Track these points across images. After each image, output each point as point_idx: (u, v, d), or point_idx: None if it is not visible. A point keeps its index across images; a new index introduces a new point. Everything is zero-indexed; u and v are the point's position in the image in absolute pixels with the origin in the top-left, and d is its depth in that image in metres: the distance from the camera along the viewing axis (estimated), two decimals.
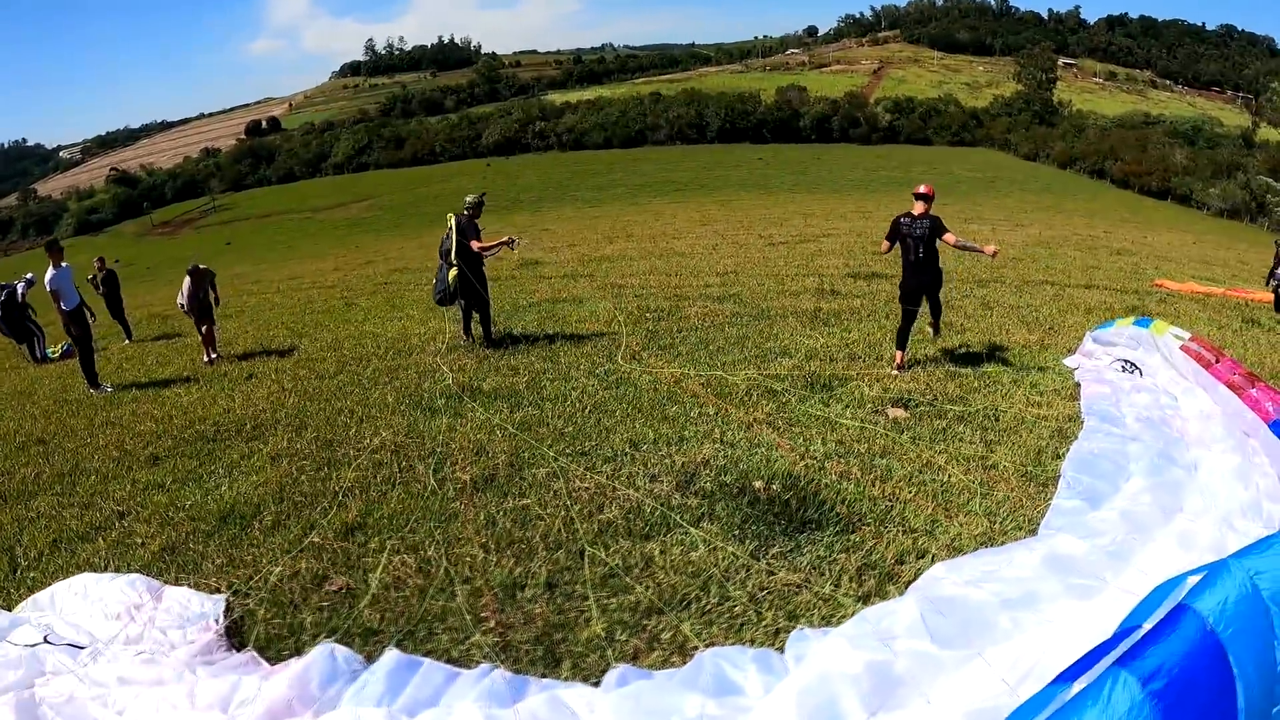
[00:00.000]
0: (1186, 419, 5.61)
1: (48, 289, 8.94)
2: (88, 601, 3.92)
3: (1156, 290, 12.92)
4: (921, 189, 7.50)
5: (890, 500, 4.67)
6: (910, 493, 4.76)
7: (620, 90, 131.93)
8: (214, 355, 10.33)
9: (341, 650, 3.32)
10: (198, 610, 3.84)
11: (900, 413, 6.43)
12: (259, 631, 3.78)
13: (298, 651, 3.56)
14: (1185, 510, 4.12)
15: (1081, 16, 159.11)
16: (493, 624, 3.66)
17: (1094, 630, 2.73)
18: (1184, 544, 3.67)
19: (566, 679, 3.16)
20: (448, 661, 3.35)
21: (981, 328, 9.25)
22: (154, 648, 3.55)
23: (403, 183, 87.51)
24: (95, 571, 4.35)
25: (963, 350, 8.28)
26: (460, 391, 7.52)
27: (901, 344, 7.61)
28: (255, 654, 3.52)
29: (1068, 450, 5.25)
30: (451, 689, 3.03)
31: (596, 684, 3.02)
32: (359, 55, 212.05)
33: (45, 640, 3.56)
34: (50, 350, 12.21)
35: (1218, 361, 5.67)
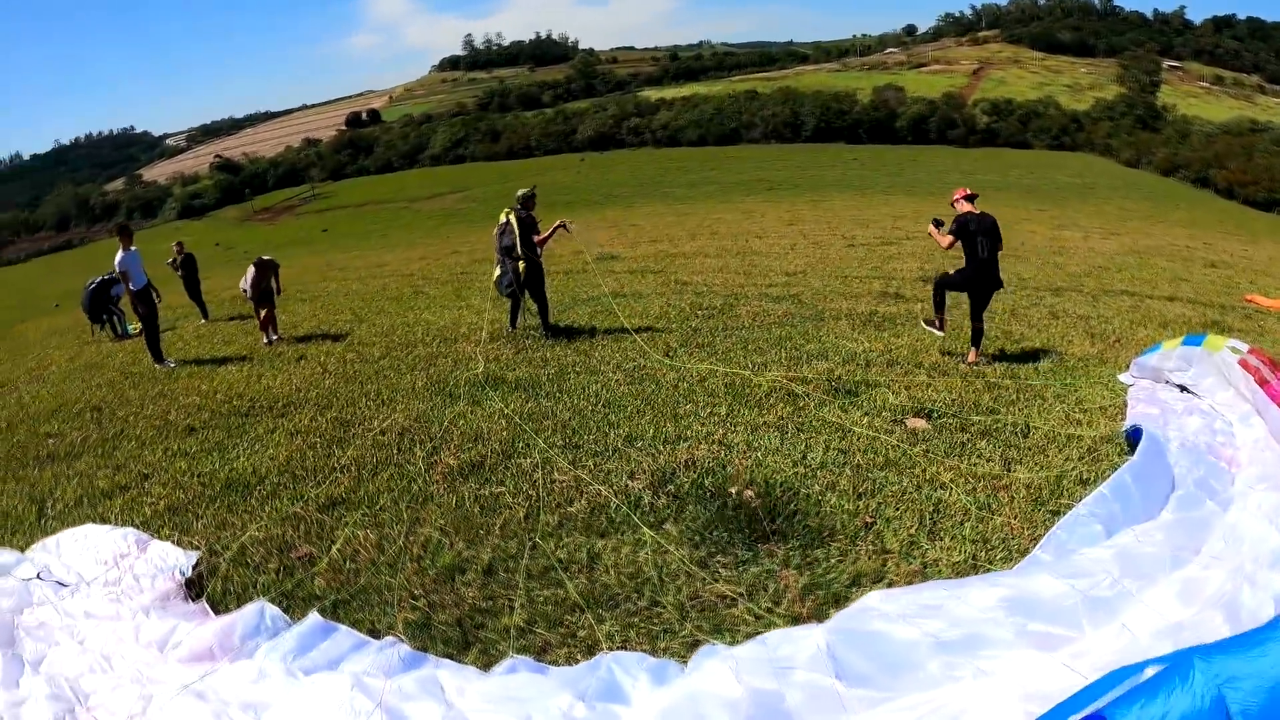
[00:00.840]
0: (1239, 447, 5.00)
1: (117, 270, 9.64)
2: (84, 547, 4.24)
3: (1245, 306, 11.67)
4: (967, 191, 8.04)
5: (872, 516, 4.39)
6: (896, 510, 4.44)
7: (716, 88, 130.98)
8: (275, 337, 10.90)
9: (272, 610, 3.44)
10: (171, 563, 4.09)
11: (920, 423, 6.06)
12: (218, 587, 3.98)
13: None
14: (1202, 554, 3.58)
15: (1187, 17, 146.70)
16: (422, 603, 3.69)
17: (1039, 691, 2.43)
18: (1185, 596, 3.20)
19: (469, 663, 3.14)
20: (368, 633, 3.41)
21: (1042, 337, 8.63)
22: (125, 590, 3.79)
23: (497, 175, 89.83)
24: (106, 524, 4.68)
25: (1011, 359, 7.75)
26: (484, 381, 7.63)
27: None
28: (206, 606, 3.72)
29: (1097, 474, 4.79)
30: (354, 656, 3.09)
31: (488, 669, 2.98)
32: (458, 50, 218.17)
33: (38, 576, 3.88)
34: (131, 327, 13.19)
35: (1276, 378, 5.00)
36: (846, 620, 2.81)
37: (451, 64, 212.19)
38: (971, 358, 7.81)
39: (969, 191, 7.99)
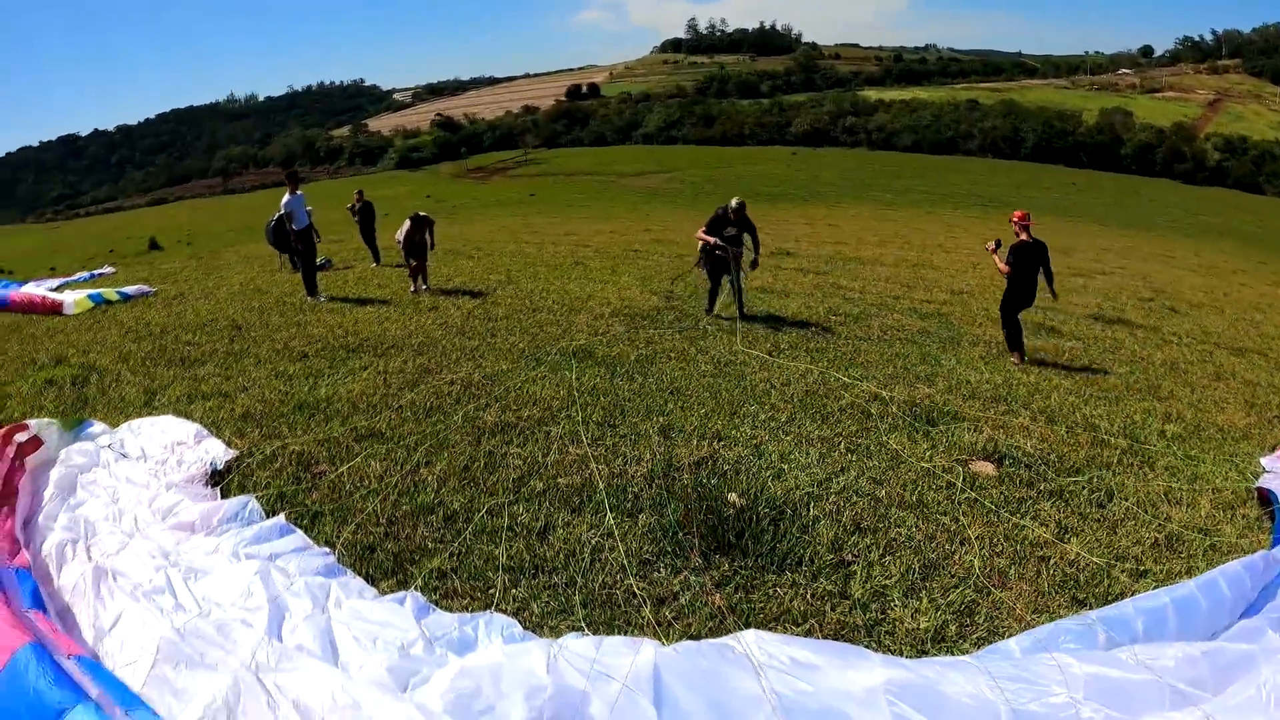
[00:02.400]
0: None
1: (282, 210, 10.95)
2: (156, 432, 5.02)
3: None
4: (1026, 219, 8.68)
5: (854, 555, 4.02)
6: (886, 555, 4.03)
7: (938, 94, 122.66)
8: (423, 287, 11.88)
9: (255, 505, 3.90)
10: (211, 455, 4.72)
11: (987, 468, 5.41)
12: (235, 480, 4.53)
13: None
14: (1216, 698, 2.76)
15: None
16: (379, 531, 3.98)
17: None
18: None
19: (382, 589, 3.36)
20: (325, 544, 3.74)
21: (1192, 398, 7.32)
22: (165, 469, 4.44)
23: (707, 160, 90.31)
24: (186, 419, 5.47)
25: (1137, 416, 6.72)
26: (571, 354, 7.88)
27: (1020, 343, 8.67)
28: (217, 494, 4.25)
29: (1166, 571, 4.02)
30: (291, 555, 3.42)
31: (383, 596, 3.17)
32: (681, 33, 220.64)
33: (109, 446, 4.65)
34: (319, 260, 14.83)
35: None
36: (694, 652, 2.57)
37: (673, 46, 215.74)
38: (1015, 360, 8.55)
39: (1027, 220, 8.55)
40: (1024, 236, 8.36)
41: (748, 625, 3.23)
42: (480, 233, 26.46)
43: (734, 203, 10.23)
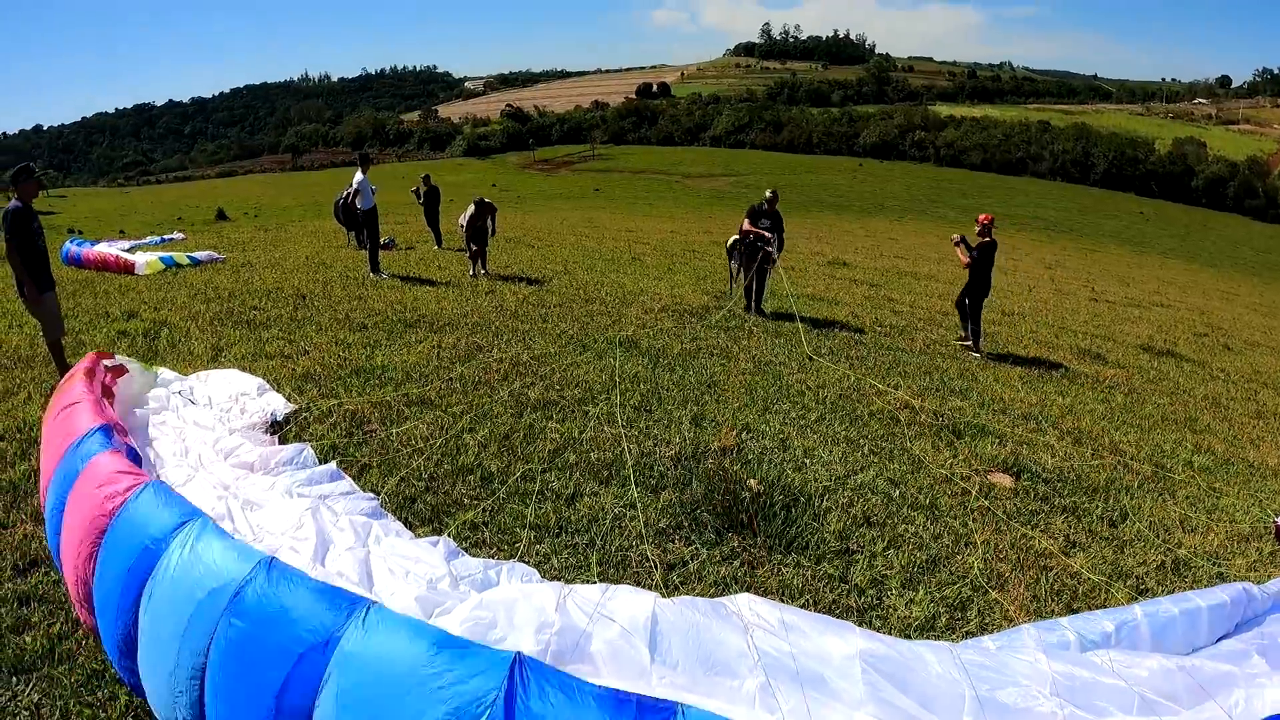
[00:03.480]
0: None
1: (353, 188, 11.50)
2: (223, 382, 5.49)
3: None
4: (991, 221, 9.87)
5: (858, 546, 4.21)
6: (890, 548, 4.23)
7: (1010, 113, 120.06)
8: (482, 272, 12.36)
9: (309, 453, 4.30)
10: (274, 408, 5.17)
11: (1004, 479, 5.54)
12: (292, 431, 5.00)
13: None
14: (1186, 712, 2.80)
15: None
16: (421, 485, 4.38)
17: None
18: None
19: (417, 533, 3.72)
20: (370, 491, 4.14)
21: (1228, 433, 7.25)
22: (230, 416, 4.89)
23: (773, 166, 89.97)
24: (250, 374, 5.95)
25: (1167, 445, 6.72)
26: (617, 342, 8.21)
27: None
28: (275, 440, 4.68)
29: (1166, 593, 4.12)
30: (338, 497, 3.81)
31: (422, 537, 3.53)
32: (754, 37, 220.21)
33: (179, 393, 5.12)
34: (383, 240, 15.48)
35: None
36: (689, 606, 2.80)
37: (746, 50, 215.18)
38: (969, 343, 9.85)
39: (991, 222, 9.80)
40: (986, 238, 9.61)
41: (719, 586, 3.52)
42: (542, 223, 27.09)
43: (768, 193, 10.76)
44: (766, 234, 10.40)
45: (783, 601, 3.52)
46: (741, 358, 8.21)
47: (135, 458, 3.38)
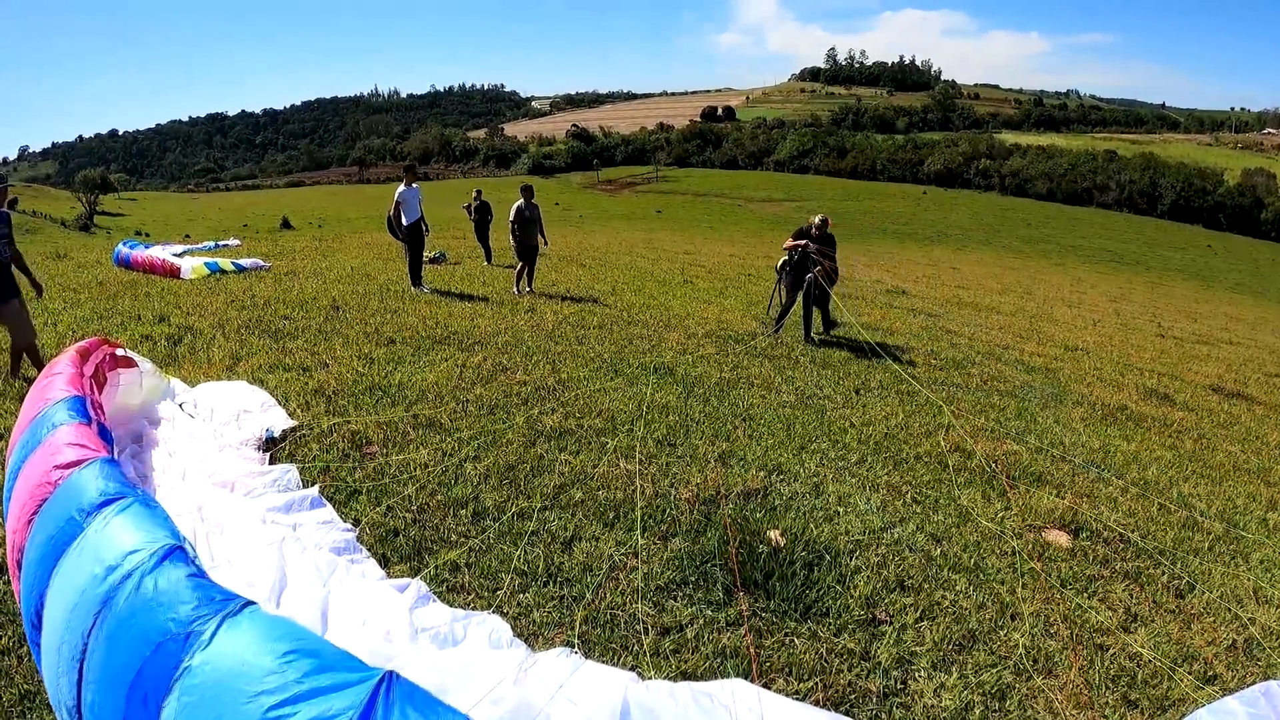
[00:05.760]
0: None
1: (395, 201, 11.48)
2: (227, 396, 5.35)
3: None
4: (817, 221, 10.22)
5: (889, 615, 3.72)
6: (924, 620, 3.72)
7: (1076, 142, 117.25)
8: (526, 290, 12.16)
9: (295, 475, 4.10)
10: (272, 423, 4.96)
11: (1061, 538, 4.95)
12: (286, 449, 4.77)
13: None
14: None
15: None
16: (408, 517, 4.07)
17: None
18: None
19: (393, 572, 3.42)
20: (354, 521, 3.87)
21: None
22: (225, 430, 4.72)
23: (836, 192, 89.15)
24: (264, 387, 5.79)
25: (1239, 499, 6.02)
26: (652, 368, 7.84)
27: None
28: (266, 459, 4.47)
29: (1236, 678, 3.52)
30: (318, 528, 3.56)
31: (390, 578, 3.23)
32: (819, 62, 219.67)
33: (180, 406, 4.98)
34: (426, 254, 15.47)
35: None
36: (668, 695, 2.40)
37: (811, 75, 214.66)
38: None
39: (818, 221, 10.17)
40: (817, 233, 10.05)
41: (750, 671, 3.06)
42: (600, 243, 27.07)
43: (817, 219, 10.29)
44: (814, 245, 9.97)
45: (791, 680, 3.10)
46: (784, 389, 7.75)
47: (107, 436, 3.21)
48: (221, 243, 19.48)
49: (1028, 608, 3.93)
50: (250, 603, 2.15)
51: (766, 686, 2.84)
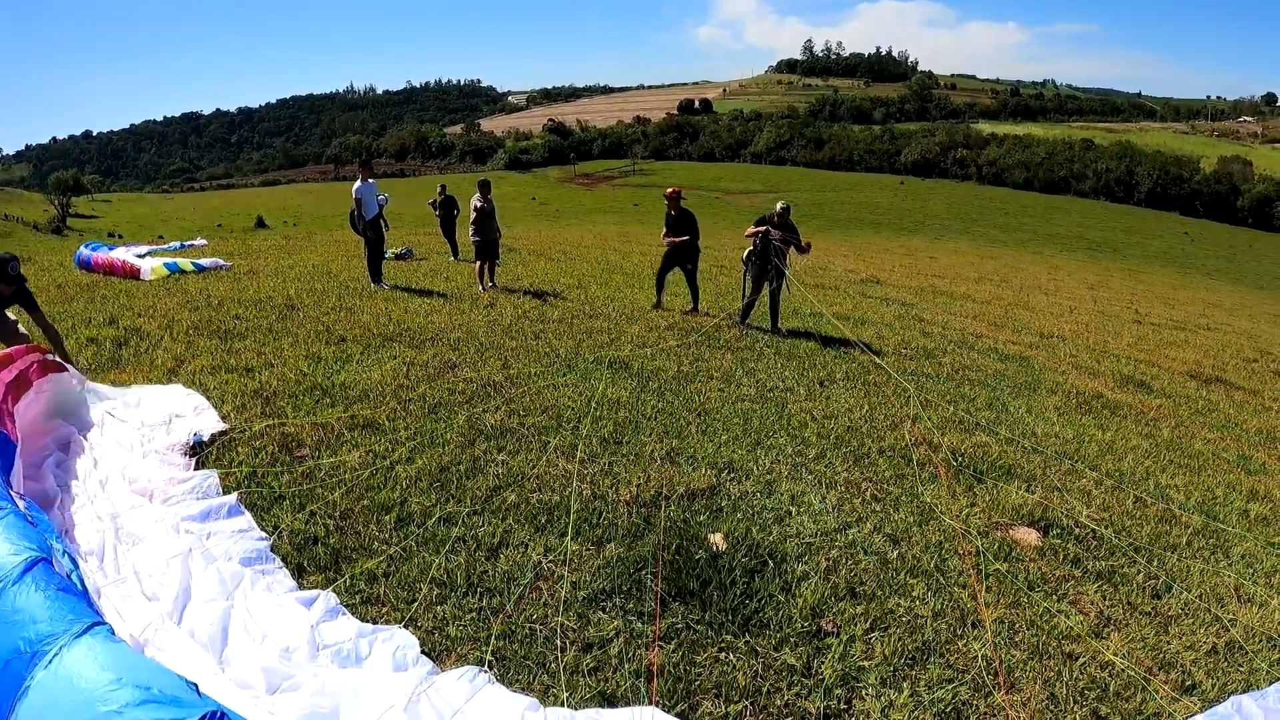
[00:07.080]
0: None
1: (354, 197, 11.11)
2: (160, 400, 5.07)
3: None
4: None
5: (836, 625, 3.47)
6: (876, 630, 3.47)
7: (1053, 131, 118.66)
8: (489, 285, 11.84)
9: (215, 482, 3.85)
10: (202, 426, 4.66)
11: (1030, 536, 4.73)
12: (213, 454, 4.48)
13: None
14: None
15: None
16: (330, 524, 3.79)
17: None
18: None
19: (307, 584, 3.21)
20: (274, 528, 3.64)
21: None
22: (152, 436, 4.42)
23: (813, 183, 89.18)
24: (204, 390, 5.48)
25: (1218, 490, 5.86)
26: (607, 363, 7.57)
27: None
28: (191, 464, 4.20)
29: (1216, 686, 3.32)
30: (231, 537, 3.32)
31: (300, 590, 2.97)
32: (796, 54, 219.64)
33: (110, 412, 4.67)
34: (387, 251, 15.12)
35: None
36: None
37: (788, 66, 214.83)
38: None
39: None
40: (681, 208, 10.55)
41: (677, 691, 2.80)
42: (573, 237, 26.67)
43: (779, 206, 10.17)
44: (776, 232, 9.75)
45: (719, 702, 2.83)
46: (744, 382, 7.49)
47: (6, 445, 2.96)
48: (188, 243, 18.95)
49: (990, 614, 3.70)
50: (99, 622, 2.04)
51: (691, 710, 2.58)
